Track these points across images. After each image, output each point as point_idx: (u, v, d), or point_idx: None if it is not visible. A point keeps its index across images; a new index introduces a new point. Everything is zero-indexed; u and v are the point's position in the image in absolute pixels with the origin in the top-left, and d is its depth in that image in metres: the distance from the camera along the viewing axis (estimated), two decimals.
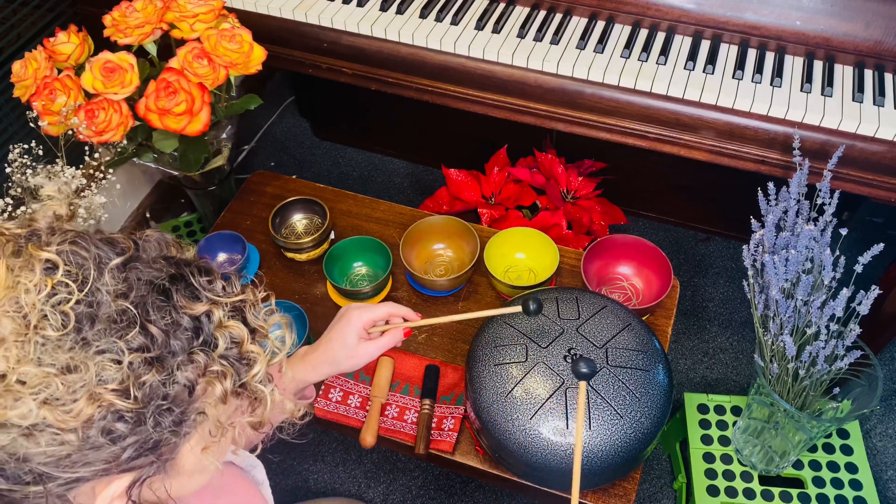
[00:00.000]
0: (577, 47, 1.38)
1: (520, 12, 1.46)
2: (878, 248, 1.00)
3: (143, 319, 0.55)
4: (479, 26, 1.42)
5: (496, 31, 1.42)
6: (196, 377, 0.57)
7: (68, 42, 1.29)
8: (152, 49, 1.32)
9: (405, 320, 1.01)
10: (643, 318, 1.21)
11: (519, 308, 0.98)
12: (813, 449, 1.37)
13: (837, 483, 1.33)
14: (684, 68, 1.34)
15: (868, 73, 1.32)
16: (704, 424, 1.42)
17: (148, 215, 2.10)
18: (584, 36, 1.39)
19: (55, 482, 0.54)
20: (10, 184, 1.29)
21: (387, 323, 1.00)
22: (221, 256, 1.40)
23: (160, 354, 0.55)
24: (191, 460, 0.61)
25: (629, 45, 1.38)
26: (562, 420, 1.00)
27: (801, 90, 1.29)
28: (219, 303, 0.60)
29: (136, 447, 0.55)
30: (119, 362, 0.53)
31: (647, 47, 1.37)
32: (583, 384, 0.91)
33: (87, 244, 0.57)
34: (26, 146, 1.27)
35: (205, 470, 0.64)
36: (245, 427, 0.65)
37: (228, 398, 0.59)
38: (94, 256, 0.56)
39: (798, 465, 1.35)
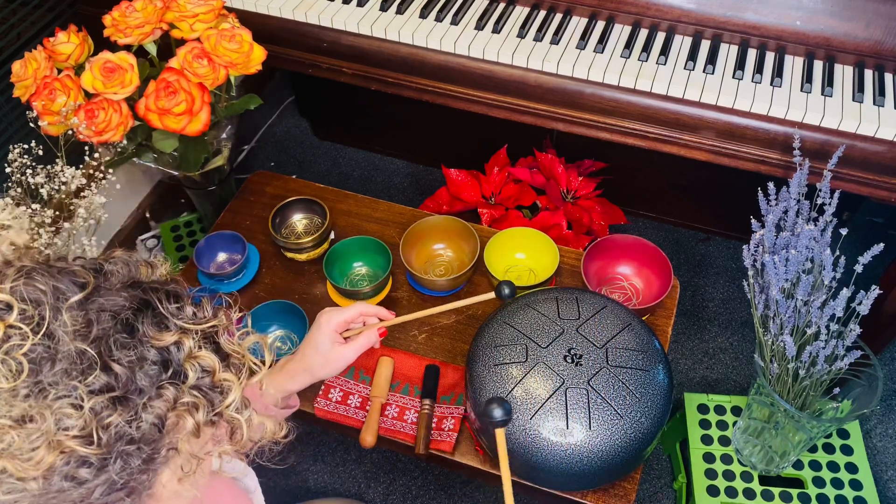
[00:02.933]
0: (577, 47, 1.38)
1: (520, 12, 1.46)
2: (878, 248, 1.00)
3: (106, 358, 0.52)
4: (479, 26, 1.42)
5: (496, 31, 1.42)
6: (165, 411, 0.54)
7: (68, 42, 1.29)
8: (152, 49, 1.32)
9: (381, 320, 1.00)
10: (643, 318, 1.21)
11: (492, 294, 0.98)
12: (813, 449, 1.37)
13: (837, 483, 1.32)
14: (684, 68, 1.34)
15: (868, 73, 1.32)
16: (704, 424, 1.42)
17: (148, 215, 2.10)
18: (584, 36, 1.39)
19: None
20: (9, 184, 1.29)
21: (364, 325, 1.00)
22: (221, 256, 1.40)
23: (124, 394, 0.52)
24: (167, 491, 0.59)
25: (629, 45, 1.38)
26: (562, 420, 1.00)
27: (802, 90, 1.29)
28: (189, 331, 0.57)
29: (105, 488, 0.53)
30: (80, 407, 0.50)
31: (647, 47, 1.37)
32: (500, 432, 0.88)
33: (45, 278, 0.53)
34: (26, 146, 1.27)
35: (183, 497, 0.61)
36: (226, 453, 0.63)
37: (202, 430, 0.57)
38: (52, 291, 0.53)
39: (798, 465, 1.35)
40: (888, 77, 1.30)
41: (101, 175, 1.33)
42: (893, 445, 1.69)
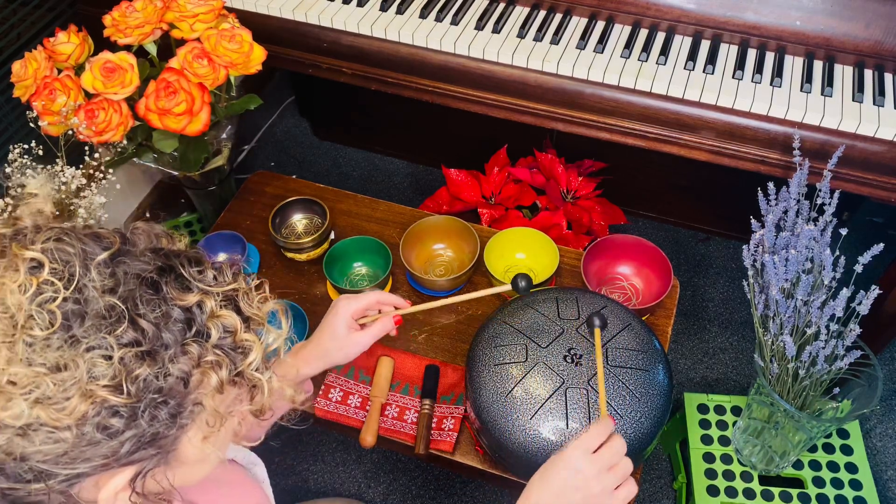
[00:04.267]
0: (577, 47, 1.38)
1: (520, 12, 1.46)
2: (878, 248, 1.00)
3: (133, 314, 0.55)
4: (479, 26, 1.42)
5: (496, 31, 1.42)
6: (190, 368, 0.57)
7: (68, 42, 1.29)
8: (152, 49, 1.32)
9: (396, 309, 1.01)
10: (643, 318, 1.21)
11: (508, 286, 0.99)
12: (813, 449, 1.37)
13: (837, 483, 1.32)
14: (684, 68, 1.34)
15: (868, 73, 1.32)
16: (704, 424, 1.42)
17: (148, 215, 2.10)
18: (584, 36, 1.39)
19: (56, 479, 0.54)
20: (9, 184, 1.29)
21: (380, 312, 1.00)
22: (221, 256, 1.40)
23: (152, 348, 0.55)
24: (192, 451, 0.61)
25: (629, 45, 1.38)
26: (562, 420, 1.00)
27: (801, 90, 1.29)
28: (210, 293, 0.59)
29: (134, 441, 0.55)
30: (109, 358, 0.53)
31: (647, 47, 1.37)
32: (598, 332, 0.99)
33: (72, 240, 0.56)
34: (26, 146, 1.27)
35: (207, 460, 0.64)
36: (246, 416, 0.65)
37: (225, 387, 0.59)
38: (80, 252, 0.56)
39: (798, 465, 1.35)
40: (888, 77, 1.30)
41: (101, 175, 1.33)
42: (893, 445, 1.69)
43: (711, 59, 1.34)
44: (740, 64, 1.33)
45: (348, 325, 0.97)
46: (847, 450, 1.37)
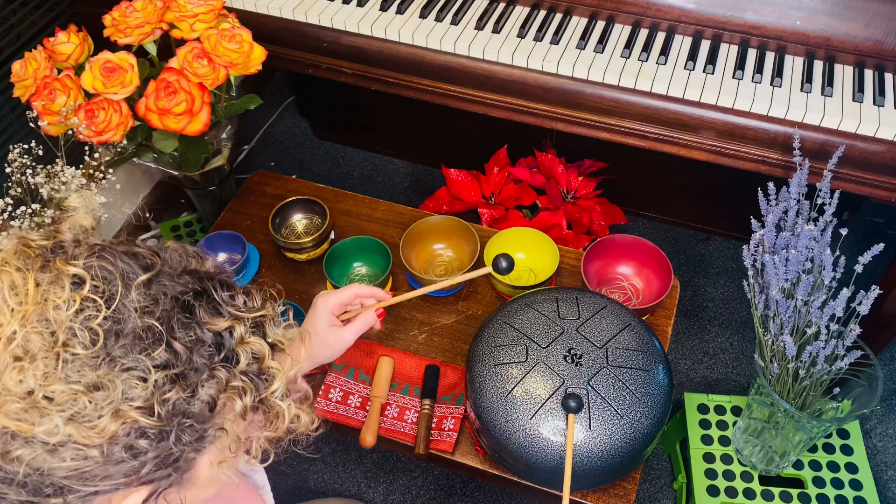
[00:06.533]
0: (577, 47, 1.38)
1: (520, 12, 1.46)
2: (878, 248, 1.00)
3: (168, 336, 0.55)
4: (479, 26, 1.42)
5: (496, 31, 1.41)
6: (217, 393, 0.57)
7: (68, 42, 1.29)
8: (152, 49, 1.32)
9: (378, 301, 1.01)
10: (643, 318, 1.21)
11: (490, 269, 0.99)
12: (813, 449, 1.37)
13: (837, 483, 1.32)
14: (684, 68, 1.34)
15: (868, 73, 1.32)
16: (704, 424, 1.42)
17: (148, 215, 2.10)
18: (584, 36, 1.39)
19: (75, 494, 0.54)
20: (9, 184, 1.29)
21: (361, 306, 1.00)
22: (221, 256, 1.40)
23: (183, 371, 0.55)
24: (206, 473, 0.61)
25: (629, 45, 1.38)
26: (562, 420, 1.00)
27: (802, 90, 1.29)
28: (241, 318, 0.59)
29: (156, 462, 0.55)
30: (145, 380, 0.53)
31: (647, 47, 1.37)
32: (571, 417, 0.96)
33: (113, 258, 0.56)
34: (26, 146, 1.27)
35: (216, 481, 0.63)
36: (261, 440, 0.65)
37: (248, 413, 0.59)
38: (121, 271, 0.56)
39: (798, 465, 1.35)
40: (888, 77, 1.30)
41: (101, 175, 1.33)
42: (893, 445, 1.69)
43: (711, 59, 1.34)
44: (740, 64, 1.33)
45: (329, 322, 0.96)
46: (847, 450, 1.37)
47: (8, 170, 1.28)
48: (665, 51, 1.36)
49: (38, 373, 0.51)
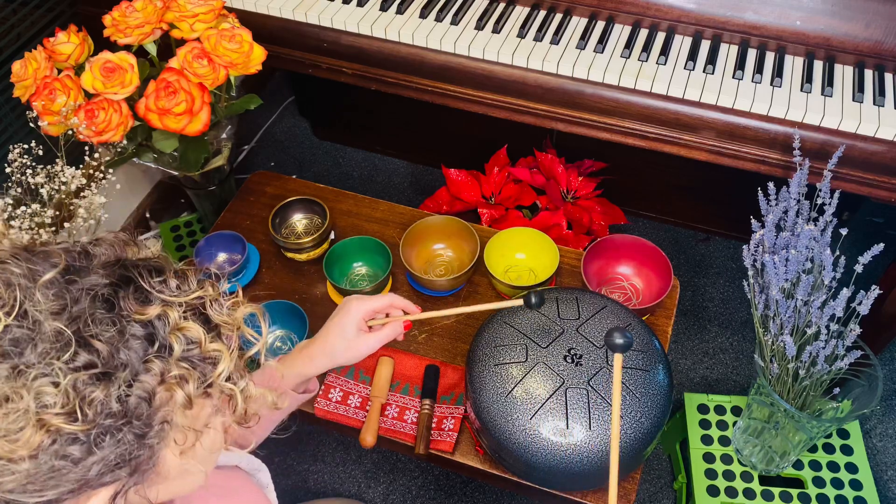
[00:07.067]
0: (577, 47, 1.38)
1: (520, 12, 1.46)
2: (878, 248, 1.00)
3: (85, 335, 0.52)
4: (479, 26, 1.42)
5: (496, 31, 1.42)
6: (154, 386, 0.54)
7: (68, 42, 1.29)
8: (152, 49, 1.32)
9: (405, 313, 1.00)
10: (643, 318, 1.21)
11: (520, 302, 0.98)
12: (813, 449, 1.37)
13: (837, 483, 1.32)
14: (684, 68, 1.34)
15: (868, 73, 1.32)
16: (704, 424, 1.42)
17: (148, 215, 2.10)
18: (584, 36, 1.39)
19: None
20: (9, 183, 1.29)
21: (387, 316, 1.00)
22: (221, 256, 1.40)
23: (106, 370, 0.52)
24: (172, 466, 0.59)
25: (629, 45, 1.38)
26: (562, 420, 1.00)
27: (802, 90, 1.29)
28: (172, 303, 0.57)
29: (101, 465, 0.53)
30: (57, 384, 0.50)
31: (647, 47, 1.37)
32: (618, 356, 0.88)
33: (18, 262, 0.54)
34: (26, 146, 1.27)
35: (192, 472, 0.62)
36: (230, 425, 0.63)
37: (194, 401, 0.57)
38: (25, 274, 0.53)
39: (798, 465, 1.35)
40: (888, 77, 1.30)
41: (101, 175, 1.33)
42: (893, 445, 1.69)
43: (711, 59, 1.34)
44: (740, 64, 1.33)
45: (358, 326, 0.95)
46: (847, 450, 1.37)
47: (8, 170, 1.28)
48: (665, 51, 1.36)
49: None
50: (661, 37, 1.40)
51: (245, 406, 0.62)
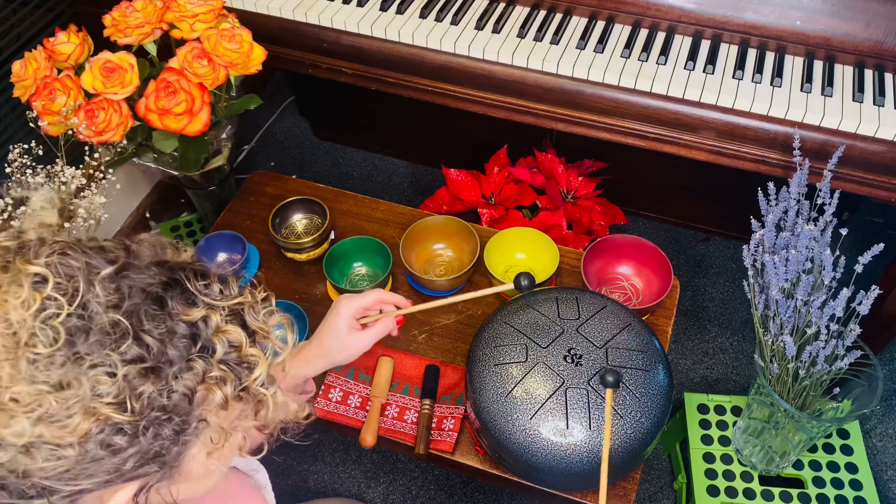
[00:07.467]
0: (577, 47, 1.38)
1: (520, 12, 1.46)
2: (878, 248, 1.00)
3: (137, 329, 0.54)
4: (479, 26, 1.42)
5: (496, 31, 1.41)
6: (195, 385, 0.56)
7: (68, 42, 1.29)
8: (152, 49, 1.32)
9: (398, 308, 1.01)
10: (643, 318, 1.21)
11: (510, 285, 0.99)
12: (813, 449, 1.37)
13: (837, 483, 1.32)
14: (684, 68, 1.34)
15: (868, 73, 1.32)
16: (704, 424, 1.42)
17: (148, 215, 2.10)
18: (584, 36, 1.39)
19: (59, 495, 0.53)
20: (9, 183, 1.29)
21: (380, 312, 1.00)
22: (221, 256, 1.40)
23: (156, 364, 0.54)
24: (197, 466, 0.60)
25: (629, 45, 1.38)
26: (562, 420, 1.00)
27: (802, 90, 1.29)
28: (216, 307, 0.59)
29: (137, 457, 0.54)
30: (113, 375, 0.52)
31: (647, 47, 1.37)
32: (609, 392, 0.94)
33: (76, 254, 0.55)
34: (26, 146, 1.27)
35: (211, 474, 0.63)
36: (250, 430, 0.65)
37: (230, 403, 0.59)
38: (84, 267, 0.55)
39: (798, 465, 1.35)
40: (888, 77, 1.30)
41: (101, 175, 1.33)
42: (893, 445, 1.69)
43: (711, 59, 1.34)
44: (740, 64, 1.33)
45: (350, 325, 0.97)
46: (847, 450, 1.37)
47: (8, 170, 1.28)
48: (665, 51, 1.36)
49: (2, 374, 0.50)
50: (661, 37, 1.40)
51: (274, 412, 0.64)
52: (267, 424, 0.65)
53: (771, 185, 1.13)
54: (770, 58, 1.35)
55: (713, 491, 1.33)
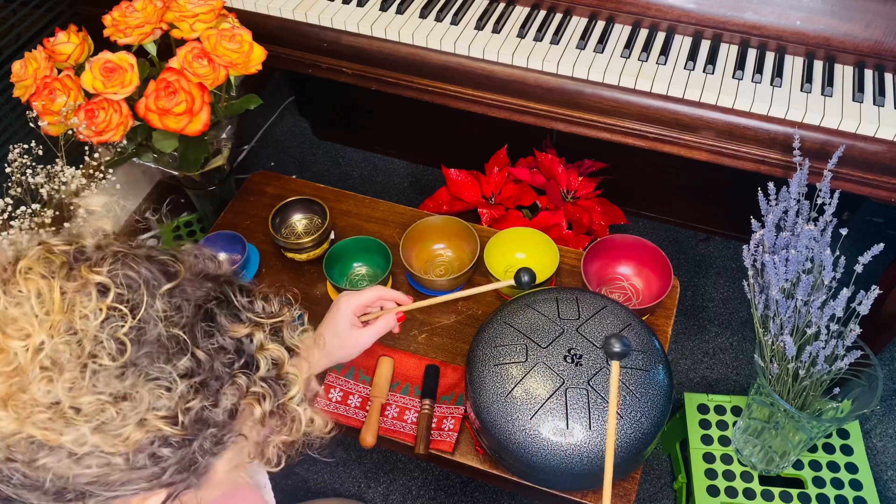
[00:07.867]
0: (577, 47, 1.38)
1: (520, 12, 1.46)
2: (878, 248, 1.00)
3: (192, 344, 0.55)
4: (479, 26, 1.42)
5: (496, 30, 1.41)
6: (238, 400, 0.57)
7: (68, 42, 1.29)
8: (152, 49, 1.32)
9: (398, 305, 1.01)
10: (643, 318, 1.21)
11: (511, 281, 0.99)
12: (813, 449, 1.37)
13: (837, 483, 1.32)
14: (684, 68, 1.34)
15: (868, 73, 1.32)
16: (704, 424, 1.42)
17: (148, 215, 2.10)
18: (584, 36, 1.39)
19: (96, 499, 0.54)
20: (9, 183, 1.29)
21: (381, 309, 1.00)
22: (221, 256, 1.40)
23: (206, 379, 0.55)
24: (222, 474, 0.61)
25: (629, 44, 1.38)
26: (562, 420, 1.00)
27: (802, 90, 1.29)
28: (260, 324, 0.59)
29: (177, 467, 0.55)
30: (170, 389, 0.53)
31: (647, 47, 1.37)
32: (615, 364, 0.89)
33: (137, 266, 0.56)
34: (26, 146, 1.27)
35: (230, 482, 0.64)
36: (277, 445, 0.65)
37: (266, 419, 0.59)
38: (145, 279, 0.55)
39: (798, 465, 1.35)
40: (888, 77, 1.30)
41: (101, 175, 1.33)
42: (893, 445, 1.69)
43: (711, 58, 1.34)
44: (740, 64, 1.33)
45: (350, 323, 0.97)
46: (847, 450, 1.37)
47: (8, 170, 1.28)
48: (665, 51, 1.36)
49: (65, 384, 0.50)
50: (661, 37, 1.40)
51: (306, 429, 0.65)
52: (297, 441, 0.66)
53: (771, 185, 1.13)
54: (770, 58, 1.35)
55: (713, 491, 1.33)
